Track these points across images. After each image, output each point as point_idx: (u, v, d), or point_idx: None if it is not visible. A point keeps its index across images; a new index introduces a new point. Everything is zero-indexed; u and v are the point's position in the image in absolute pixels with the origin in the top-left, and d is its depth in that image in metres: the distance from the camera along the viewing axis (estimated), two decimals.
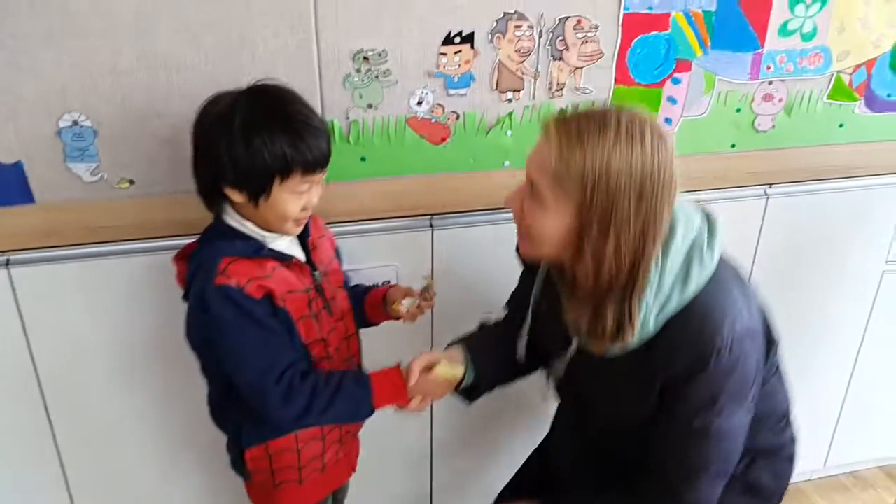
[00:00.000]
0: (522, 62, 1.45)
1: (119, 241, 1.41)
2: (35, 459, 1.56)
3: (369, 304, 1.41)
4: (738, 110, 1.62)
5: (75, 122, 1.30)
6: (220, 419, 1.33)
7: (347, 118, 1.41)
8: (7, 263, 1.37)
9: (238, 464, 1.33)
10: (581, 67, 1.48)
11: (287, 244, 1.24)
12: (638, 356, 1.07)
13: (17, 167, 1.31)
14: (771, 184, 1.73)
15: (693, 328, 1.03)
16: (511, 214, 1.15)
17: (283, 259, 1.20)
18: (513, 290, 1.43)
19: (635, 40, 1.48)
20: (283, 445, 1.29)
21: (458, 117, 1.47)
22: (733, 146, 1.66)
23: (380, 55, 1.37)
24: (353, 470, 1.48)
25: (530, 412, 1.80)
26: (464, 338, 1.34)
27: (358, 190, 1.49)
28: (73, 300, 1.44)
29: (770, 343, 1.19)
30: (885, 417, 2.19)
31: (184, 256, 1.24)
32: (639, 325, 1.04)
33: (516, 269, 1.60)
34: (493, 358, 1.30)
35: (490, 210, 1.57)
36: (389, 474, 1.87)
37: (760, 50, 1.56)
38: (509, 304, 1.42)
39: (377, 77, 1.39)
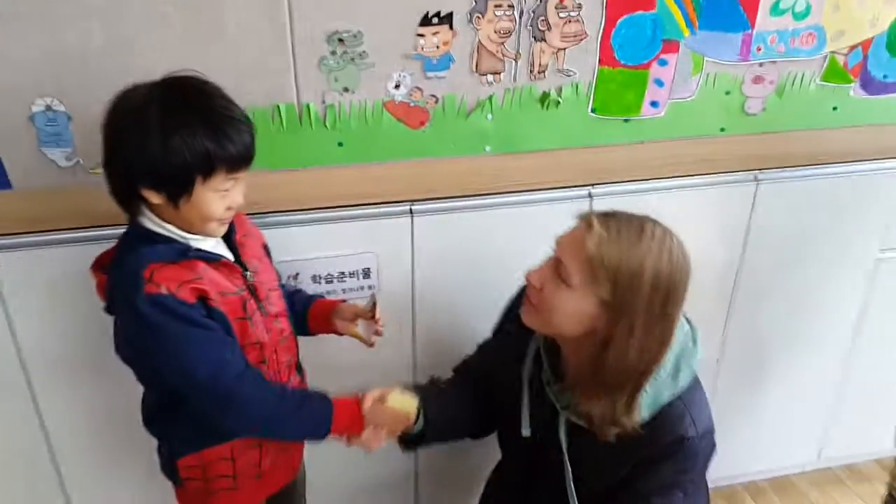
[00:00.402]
0: (503, 43, 1.42)
1: (99, 226, 1.39)
2: (23, 446, 1.57)
3: (314, 316, 1.39)
4: (728, 93, 1.57)
5: (48, 107, 1.29)
6: (152, 426, 1.28)
7: (323, 102, 1.39)
8: None
9: (169, 470, 1.29)
10: (564, 49, 1.45)
11: (213, 244, 1.18)
12: (621, 434, 1.17)
13: None
14: (761, 168, 1.69)
15: (675, 420, 1.16)
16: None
17: (211, 259, 1.15)
18: (467, 356, 1.49)
19: (620, 20, 1.44)
20: (217, 455, 1.24)
21: (437, 101, 1.44)
22: (722, 130, 1.62)
23: (355, 37, 1.34)
24: (295, 473, 1.44)
25: None
26: (417, 386, 1.37)
27: (335, 176, 1.46)
28: (57, 285, 1.43)
29: (714, 446, 1.29)
30: (881, 408, 2.15)
31: (101, 266, 1.19)
32: (633, 415, 1.15)
33: (497, 258, 1.59)
34: (440, 413, 1.33)
35: (471, 196, 1.55)
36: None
37: (751, 30, 1.51)
38: (459, 370, 1.47)
39: (353, 60, 1.36)
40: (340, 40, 1.34)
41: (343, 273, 1.55)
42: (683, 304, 1.14)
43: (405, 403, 1.26)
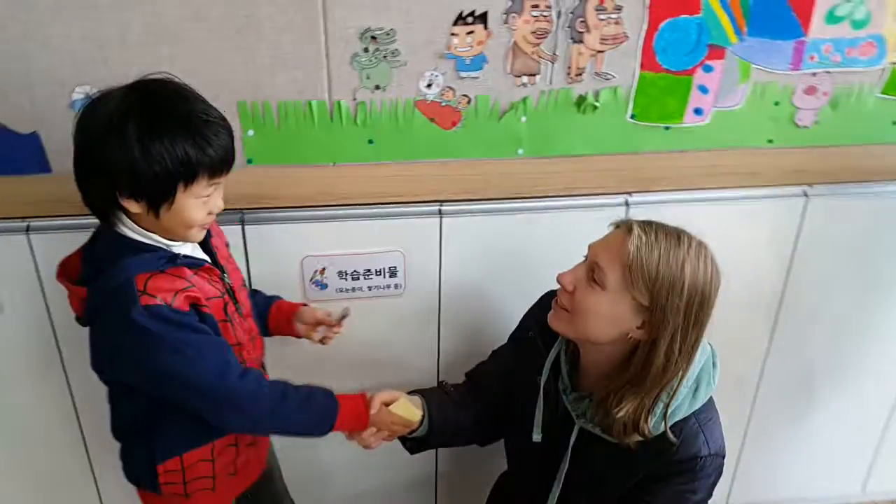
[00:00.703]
0: (539, 44, 1.38)
1: None
2: (56, 421, 1.62)
3: (274, 317, 1.39)
4: (777, 103, 1.50)
5: (87, 95, 1.32)
6: (126, 434, 1.27)
7: (354, 99, 1.39)
8: (27, 230, 1.42)
9: (143, 477, 1.27)
10: (603, 51, 1.41)
11: (192, 248, 1.17)
12: (638, 444, 1.17)
13: (34, 137, 1.35)
14: (812, 184, 1.61)
15: (689, 437, 1.16)
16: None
17: (196, 265, 1.14)
18: (480, 362, 1.48)
19: (663, 23, 1.39)
20: (198, 456, 1.24)
21: (469, 101, 1.42)
22: (770, 141, 1.55)
23: (388, 34, 1.33)
24: (263, 467, 1.43)
25: None
26: (424, 390, 1.38)
27: (364, 173, 1.46)
28: None
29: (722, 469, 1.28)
30: None
31: (68, 275, 1.16)
32: (652, 424, 1.15)
33: (527, 263, 1.56)
34: (446, 419, 1.35)
35: (502, 199, 1.52)
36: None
37: (804, 38, 1.44)
38: (471, 375, 1.47)
39: (385, 57, 1.36)
40: (373, 38, 1.33)
41: (369, 270, 1.55)
42: (712, 315, 1.14)
43: (409, 412, 1.28)
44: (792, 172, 1.59)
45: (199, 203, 1.08)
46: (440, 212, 1.51)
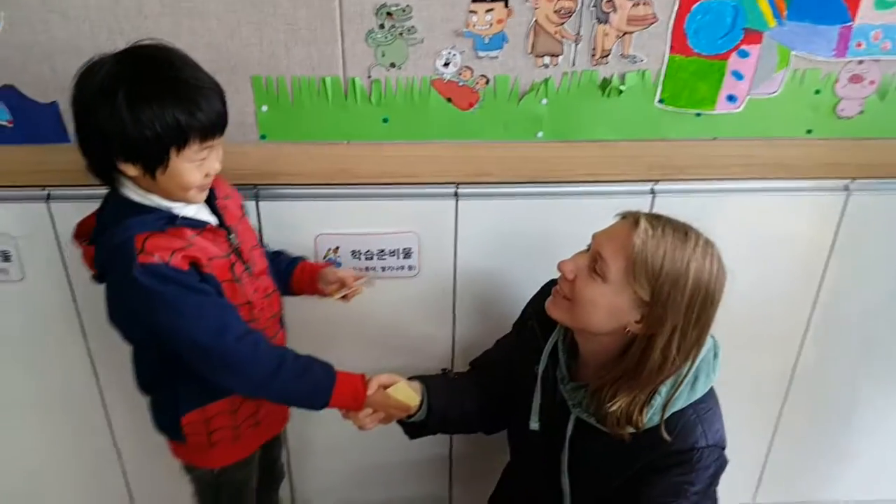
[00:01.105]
0: (562, 24, 1.33)
1: None
2: (77, 389, 1.67)
3: (298, 278, 1.39)
4: (818, 92, 1.41)
5: None
6: (150, 387, 1.31)
7: (369, 77, 1.36)
8: (48, 198, 1.45)
9: (169, 427, 1.31)
10: (630, 33, 1.34)
11: (195, 210, 1.18)
12: (630, 437, 1.16)
13: (53, 107, 1.36)
14: (854, 178, 1.51)
15: (686, 428, 1.14)
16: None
17: (197, 226, 1.15)
18: (486, 350, 1.47)
19: (696, 5, 1.31)
20: (220, 408, 1.27)
21: (487, 82, 1.37)
22: (809, 132, 1.46)
23: (404, 10, 1.29)
24: (286, 420, 1.48)
25: None
26: (425, 376, 1.36)
27: (379, 152, 1.43)
28: None
29: (725, 462, 1.25)
30: None
31: (83, 235, 1.20)
32: (647, 416, 1.13)
33: (544, 248, 1.51)
34: (446, 406, 1.33)
35: (520, 183, 1.48)
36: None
37: (850, 23, 1.34)
38: (476, 363, 1.47)
39: (401, 34, 1.32)
40: (389, 14, 1.30)
41: (383, 251, 1.53)
42: (716, 315, 1.12)
43: (408, 396, 1.26)
44: (832, 165, 1.50)
45: (194, 166, 1.10)
46: (456, 194, 1.48)
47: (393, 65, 1.35)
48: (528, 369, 1.28)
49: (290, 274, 1.40)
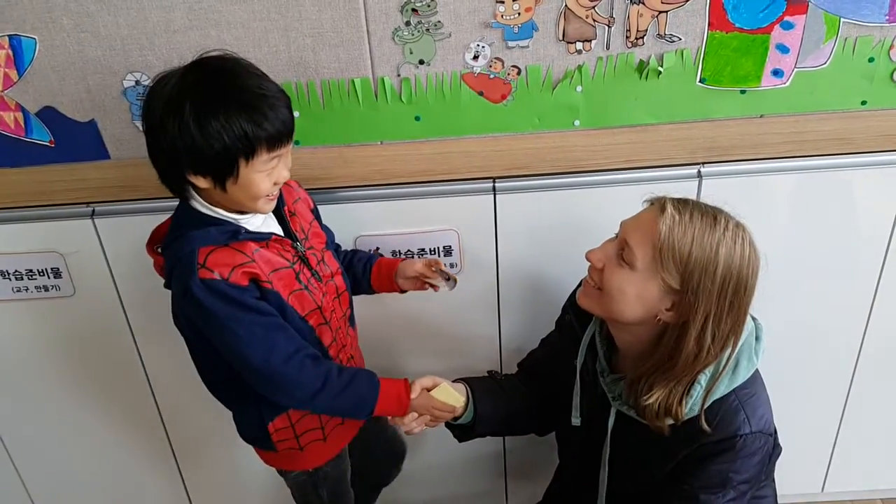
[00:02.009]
0: (594, 7, 1.28)
1: None
2: (131, 398, 1.70)
3: (376, 276, 1.38)
4: (871, 60, 1.33)
5: (137, 82, 1.35)
6: (227, 398, 1.32)
7: (398, 75, 1.34)
8: (92, 214, 1.48)
9: (258, 437, 1.33)
10: (666, 11, 1.28)
11: (262, 221, 1.19)
12: (671, 428, 1.14)
13: (92, 125, 1.39)
14: None
15: (728, 415, 1.11)
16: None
17: (261, 239, 1.15)
18: (531, 350, 1.46)
19: None
20: (303, 411, 1.29)
21: (519, 72, 1.33)
22: (864, 103, 1.37)
23: (429, 6, 1.27)
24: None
25: None
26: (471, 378, 1.35)
27: (413, 151, 1.41)
28: None
29: (776, 449, 1.24)
30: None
31: (154, 243, 1.23)
32: (687, 406, 1.11)
33: (588, 239, 1.47)
34: (493, 407, 1.32)
35: (559, 174, 1.44)
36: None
37: None
38: (523, 364, 1.45)
39: (428, 30, 1.29)
40: (414, 10, 1.27)
41: (423, 250, 1.51)
42: (752, 300, 1.09)
43: (451, 397, 1.26)
44: (890, 137, 1.41)
45: (263, 175, 1.10)
46: (494, 188, 1.45)
47: (422, 61, 1.32)
48: (568, 364, 1.26)
49: (368, 273, 1.40)
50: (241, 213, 1.15)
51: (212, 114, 1.03)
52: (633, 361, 1.16)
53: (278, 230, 1.22)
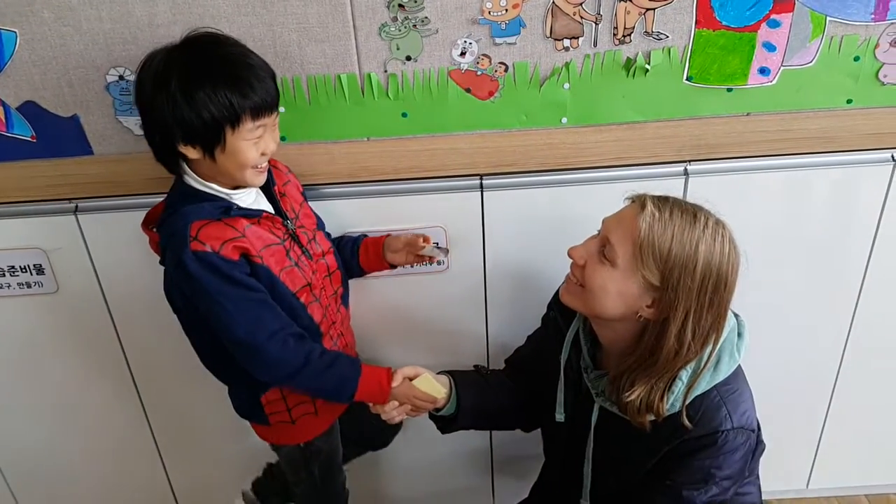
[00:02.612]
0: (581, 4, 1.27)
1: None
2: (114, 392, 1.69)
3: (364, 256, 1.40)
4: (857, 59, 1.33)
5: (121, 77, 1.33)
6: (222, 372, 1.35)
7: (385, 71, 1.33)
8: (76, 210, 1.46)
9: (251, 410, 1.36)
10: (653, 9, 1.28)
11: (254, 198, 1.23)
12: (653, 424, 1.14)
13: (75, 120, 1.37)
14: None
15: (710, 411, 1.12)
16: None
17: (253, 216, 1.19)
18: (518, 347, 1.46)
19: None
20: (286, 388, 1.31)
21: (506, 69, 1.33)
22: (849, 102, 1.38)
23: (416, 1, 1.26)
24: None
25: None
26: (456, 371, 1.36)
27: (400, 147, 1.41)
28: (138, 245, 1.48)
29: (759, 445, 1.24)
30: None
31: (150, 222, 1.26)
32: (669, 403, 1.11)
33: (575, 237, 1.47)
34: (476, 400, 1.32)
35: (546, 171, 1.44)
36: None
37: None
38: (509, 361, 1.45)
39: (415, 26, 1.28)
40: (401, 5, 1.26)
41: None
42: (733, 297, 1.10)
43: (433, 388, 1.27)
44: (875, 136, 1.41)
45: (250, 144, 1.14)
46: (481, 185, 1.44)
47: (409, 58, 1.32)
48: (554, 360, 1.26)
49: (356, 255, 1.42)
50: (234, 188, 1.19)
51: (197, 83, 1.07)
52: (616, 358, 1.17)
53: (269, 208, 1.26)
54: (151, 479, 1.84)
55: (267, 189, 1.27)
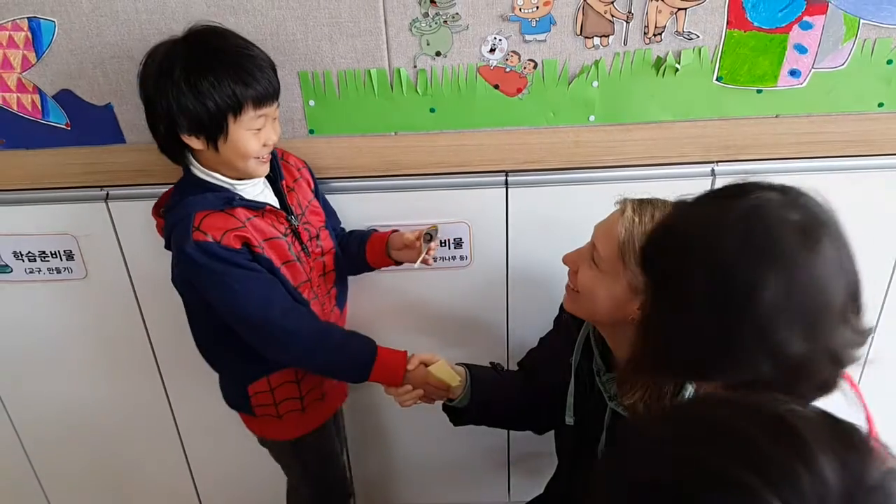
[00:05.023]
0: (612, 2, 1.27)
1: None
2: (139, 379, 1.71)
3: (370, 252, 1.41)
4: (890, 62, 1.32)
5: None
6: (213, 359, 1.37)
7: (415, 66, 1.34)
8: (107, 197, 1.48)
9: (239, 400, 1.38)
10: (684, 8, 1.28)
11: (260, 190, 1.25)
12: None
13: (108, 109, 1.40)
14: None
15: None
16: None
17: (256, 208, 1.21)
18: (531, 349, 1.45)
19: None
20: (284, 378, 1.33)
21: (535, 66, 1.33)
22: (881, 105, 1.37)
23: None
24: (345, 396, 1.54)
25: None
26: (472, 365, 1.36)
27: (427, 142, 1.42)
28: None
29: None
30: None
31: (160, 207, 1.29)
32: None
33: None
34: (490, 395, 1.32)
35: (573, 169, 1.44)
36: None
37: None
38: (523, 363, 1.45)
39: (445, 22, 1.29)
40: (432, 1, 1.27)
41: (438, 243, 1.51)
42: None
43: (448, 375, 1.27)
44: None
45: (251, 135, 1.17)
46: (506, 182, 1.45)
47: (438, 53, 1.32)
48: (566, 363, 1.26)
49: (363, 250, 1.43)
50: (238, 178, 1.21)
51: (201, 74, 1.11)
52: (620, 360, 1.16)
53: (274, 202, 1.27)
54: (174, 465, 1.87)
55: (274, 183, 1.29)
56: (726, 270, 0.79)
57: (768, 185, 0.87)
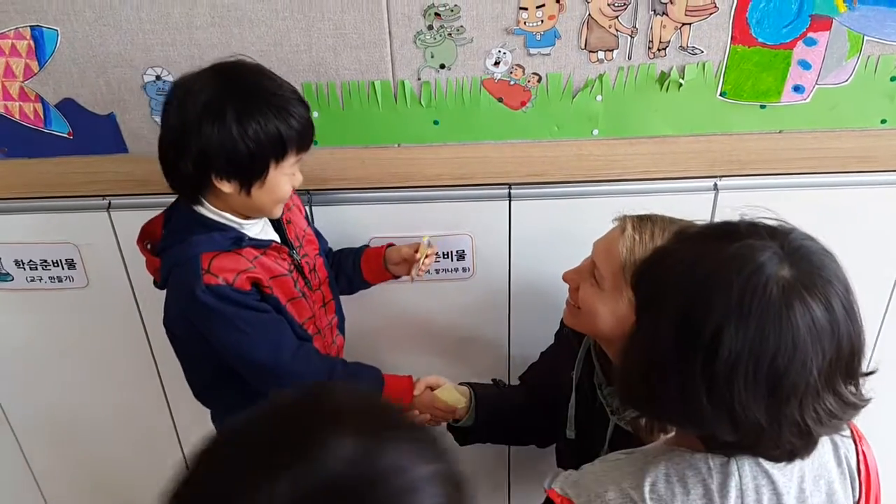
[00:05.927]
0: (617, 17, 1.28)
1: None
2: (140, 388, 1.71)
3: (366, 269, 1.40)
4: (894, 79, 1.32)
5: (158, 77, 1.35)
6: (210, 401, 1.34)
7: (419, 79, 1.34)
8: (108, 207, 1.48)
9: None
10: (689, 24, 1.28)
11: (261, 227, 1.21)
12: None
13: (111, 118, 1.39)
14: None
15: None
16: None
17: (262, 246, 1.18)
18: (532, 363, 1.45)
19: None
20: None
21: (539, 80, 1.33)
22: (884, 122, 1.37)
23: (452, 10, 1.27)
24: None
25: None
26: (475, 383, 1.37)
27: (430, 155, 1.42)
28: None
29: None
30: None
31: (145, 239, 1.23)
32: None
33: None
34: (494, 414, 1.33)
35: (576, 182, 1.44)
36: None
37: None
38: (524, 377, 1.45)
39: (450, 34, 1.29)
40: (437, 14, 1.27)
41: (437, 254, 1.50)
42: None
43: (454, 398, 1.28)
44: None
45: (287, 178, 1.14)
46: (509, 195, 1.45)
47: (442, 66, 1.32)
48: (567, 376, 1.26)
49: (358, 267, 1.41)
50: (247, 218, 1.17)
51: (251, 116, 1.06)
52: None
53: (276, 238, 1.24)
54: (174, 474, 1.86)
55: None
56: (695, 315, 0.74)
57: (770, 231, 0.81)
